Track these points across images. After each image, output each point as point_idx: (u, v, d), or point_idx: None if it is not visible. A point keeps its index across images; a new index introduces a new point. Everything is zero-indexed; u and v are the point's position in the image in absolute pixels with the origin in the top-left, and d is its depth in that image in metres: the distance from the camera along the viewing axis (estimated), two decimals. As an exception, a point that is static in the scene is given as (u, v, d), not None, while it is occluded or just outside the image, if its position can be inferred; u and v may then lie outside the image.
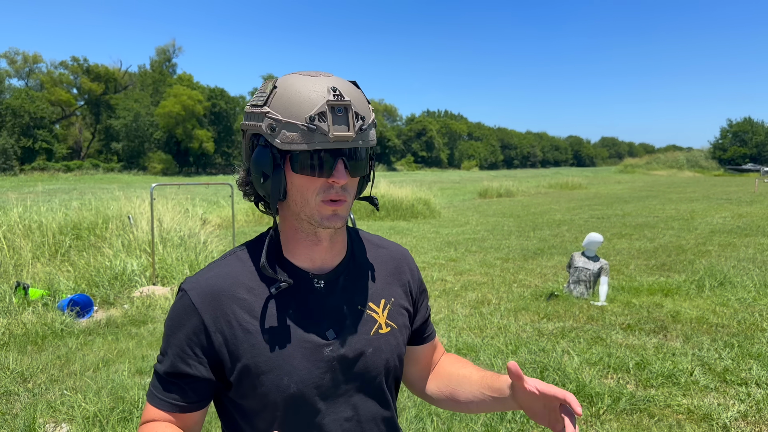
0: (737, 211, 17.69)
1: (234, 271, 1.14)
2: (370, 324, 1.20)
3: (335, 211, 1.08)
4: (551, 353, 5.01)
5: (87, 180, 44.32)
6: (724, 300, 6.75)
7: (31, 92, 57.70)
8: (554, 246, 11.51)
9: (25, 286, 6.56)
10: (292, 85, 1.04)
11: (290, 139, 1.01)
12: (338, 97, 1.02)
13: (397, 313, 1.26)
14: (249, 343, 1.09)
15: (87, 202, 10.75)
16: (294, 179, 1.06)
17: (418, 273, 1.36)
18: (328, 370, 1.13)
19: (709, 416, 3.85)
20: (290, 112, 1.01)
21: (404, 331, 1.27)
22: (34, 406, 4.04)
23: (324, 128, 1.00)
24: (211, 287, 1.11)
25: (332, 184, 1.05)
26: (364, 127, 1.05)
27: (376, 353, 1.19)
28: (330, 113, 1.00)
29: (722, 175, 56.30)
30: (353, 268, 1.23)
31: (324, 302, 1.16)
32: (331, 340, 1.14)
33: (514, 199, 26.42)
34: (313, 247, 1.15)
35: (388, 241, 1.37)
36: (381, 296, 1.24)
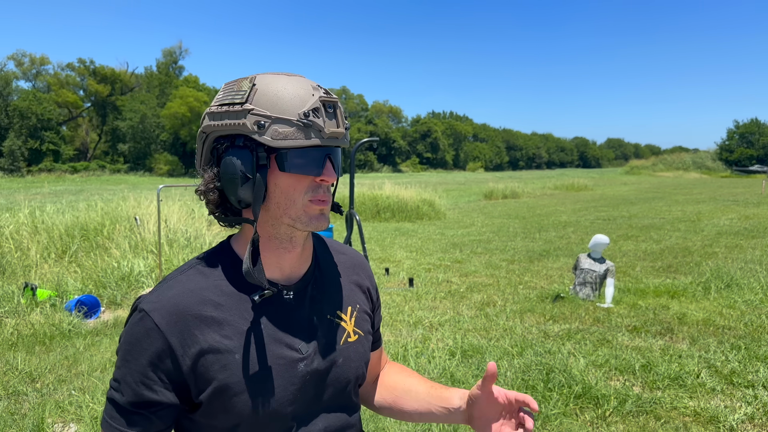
0: (744, 213, 17.62)
1: (198, 286, 1.06)
2: (339, 333, 1.18)
3: (322, 210, 1.05)
4: (557, 355, 5.01)
5: (93, 181, 44.52)
6: (731, 302, 6.73)
7: (38, 94, 57.98)
8: (560, 248, 11.50)
9: (33, 287, 6.60)
10: (274, 82, 1.00)
11: (283, 135, 0.97)
12: (329, 94, 1.01)
13: (362, 319, 1.25)
14: (220, 363, 1.02)
15: (93, 204, 10.80)
16: (279, 180, 1.02)
17: (373, 281, 1.35)
18: (302, 385, 1.10)
19: (715, 418, 3.85)
20: (280, 108, 0.98)
21: (368, 338, 1.27)
22: (43, 406, 4.07)
23: (320, 124, 0.98)
24: (175, 306, 1.03)
25: (320, 184, 1.04)
26: (348, 127, 1.05)
27: (346, 363, 1.18)
28: (323, 109, 0.99)
29: (729, 176, 56.07)
30: (319, 276, 1.19)
31: (294, 314, 1.11)
32: (304, 354, 1.10)
33: (520, 200, 26.38)
34: (284, 254, 1.10)
35: (346, 246, 1.35)
36: (348, 303, 1.22)
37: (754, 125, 69.91)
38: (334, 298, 1.20)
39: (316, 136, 0.99)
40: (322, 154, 1.01)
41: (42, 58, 63.06)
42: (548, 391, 4.24)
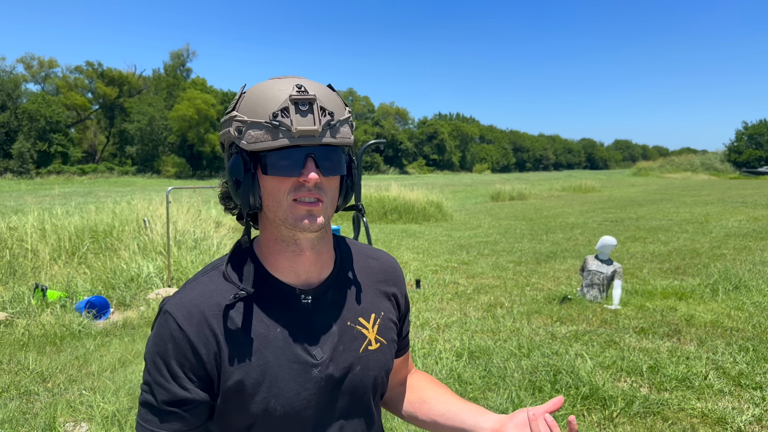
0: (753, 215, 17.54)
1: (218, 288, 1.09)
2: (359, 341, 1.15)
3: (310, 211, 1.02)
4: (564, 356, 5.01)
5: (102, 183, 44.76)
6: (739, 304, 6.71)
7: (47, 96, 58.37)
8: (567, 249, 11.49)
9: (44, 288, 6.66)
10: (259, 87, 1.02)
11: (254, 138, 0.98)
12: (302, 92, 0.99)
13: (387, 327, 1.22)
14: (237, 363, 1.05)
15: (102, 206, 10.88)
16: (266, 183, 1.03)
17: (404, 287, 1.32)
18: (317, 391, 1.09)
19: (723, 420, 3.85)
20: (255, 112, 0.99)
21: (392, 346, 1.23)
22: (54, 405, 4.11)
23: (287, 123, 0.97)
24: (196, 307, 1.06)
25: (303, 183, 1.01)
26: (333, 122, 1.00)
27: (364, 371, 1.15)
28: (293, 107, 0.97)
29: (737, 177, 55.74)
30: (342, 281, 1.17)
31: (312, 319, 1.11)
32: (319, 360, 1.09)
33: (527, 202, 26.34)
34: (295, 258, 1.09)
35: (379, 250, 1.32)
36: (371, 311, 1.19)
37: (763, 126, 69.52)
38: (356, 305, 1.17)
39: (284, 136, 0.97)
40: (302, 154, 0.99)
41: (51, 61, 63.49)
42: (555, 393, 4.25)
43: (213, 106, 63.64)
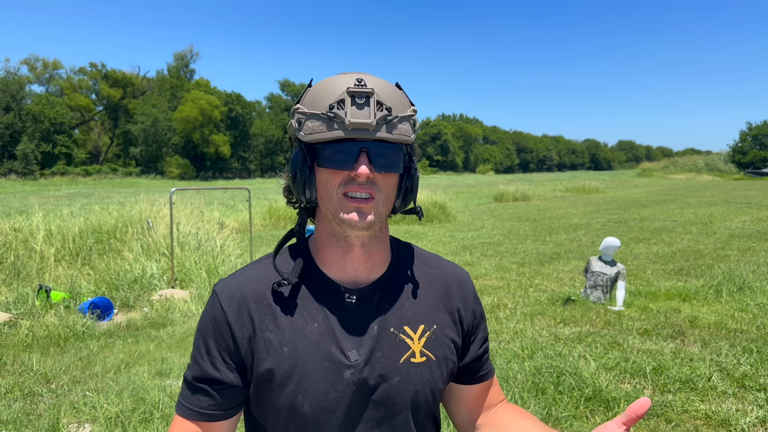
0: (757, 216, 17.48)
1: (265, 275, 1.10)
2: (401, 350, 1.09)
3: (359, 207, 1.01)
4: (568, 358, 5.00)
5: (105, 184, 44.88)
6: (743, 305, 6.69)
7: (51, 98, 58.64)
8: (571, 250, 11.47)
9: (47, 289, 6.68)
10: (323, 81, 1.03)
11: (311, 129, 0.99)
12: (360, 85, 0.98)
13: (439, 343, 1.13)
14: (269, 352, 1.05)
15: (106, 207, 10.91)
16: (320, 175, 1.03)
17: (475, 303, 1.22)
18: (347, 394, 1.05)
19: (727, 422, 3.84)
20: (315, 104, 1.00)
21: (445, 365, 1.14)
22: (58, 406, 4.12)
23: (341, 115, 0.96)
24: (240, 290, 1.08)
25: (354, 178, 1.00)
26: (390, 117, 0.99)
27: (403, 383, 1.08)
28: (349, 99, 0.97)
29: (742, 178, 55.59)
30: (393, 285, 1.13)
31: (353, 320, 1.08)
32: (353, 362, 1.05)
33: (530, 203, 26.32)
34: (344, 255, 1.08)
35: (446, 261, 1.24)
36: (420, 321, 1.12)
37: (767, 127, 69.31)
38: (404, 312, 1.12)
39: (339, 128, 0.97)
40: (355, 148, 0.99)
41: (55, 63, 63.78)
42: (559, 394, 4.24)
43: (217, 107, 63.78)
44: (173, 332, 6.04)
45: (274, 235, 14.60)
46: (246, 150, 72.90)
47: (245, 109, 71.10)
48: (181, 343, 5.67)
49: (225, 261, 8.56)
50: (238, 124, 69.91)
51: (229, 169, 70.47)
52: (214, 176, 66.11)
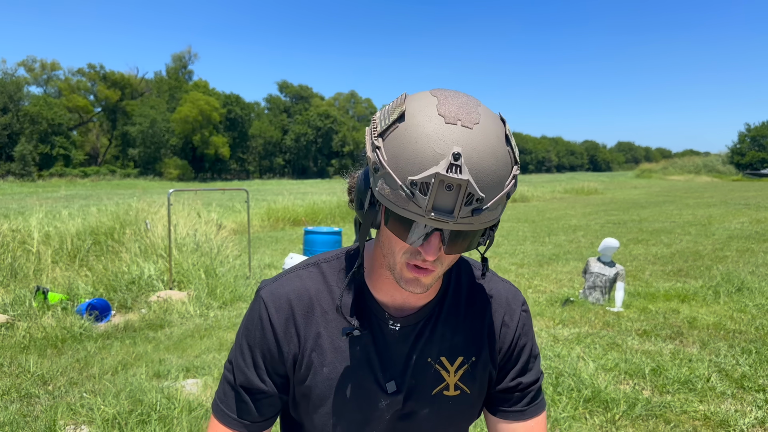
0: (756, 217, 17.49)
1: (315, 287, 1.07)
2: (435, 382, 1.07)
3: (418, 278, 0.93)
4: (567, 359, 4.99)
5: (104, 186, 44.85)
6: (742, 306, 6.69)
7: (49, 99, 58.62)
8: (570, 251, 11.47)
9: (45, 291, 6.66)
10: (417, 126, 0.83)
11: (385, 193, 0.84)
12: (454, 169, 0.79)
13: (477, 376, 1.09)
14: (310, 370, 1.05)
15: (104, 208, 10.89)
16: (386, 231, 0.93)
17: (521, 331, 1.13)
18: (379, 425, 1.05)
19: (725, 422, 3.83)
20: (397, 164, 0.83)
21: (478, 397, 1.11)
22: (55, 408, 4.10)
23: (422, 202, 0.81)
24: (288, 303, 1.06)
25: (420, 252, 0.90)
26: (479, 209, 0.82)
27: (433, 416, 1.07)
28: (436, 188, 0.79)
29: (740, 179, 55.66)
30: (437, 313, 1.08)
31: (394, 348, 1.06)
32: (389, 392, 1.04)
33: (530, 204, 26.33)
34: (396, 287, 1.03)
35: (501, 281, 1.16)
36: (460, 353, 1.08)
37: (766, 128, 69.40)
38: (444, 342, 1.08)
39: (415, 212, 0.82)
40: (429, 229, 0.86)
41: (53, 64, 63.76)
42: (557, 395, 4.23)
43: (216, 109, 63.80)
44: (171, 333, 6.02)
45: (272, 236, 14.59)
46: (245, 151, 72.92)
47: (244, 111, 71.11)
48: (179, 344, 5.66)
49: (223, 262, 8.55)
50: (236, 126, 69.92)
51: (227, 170, 70.48)
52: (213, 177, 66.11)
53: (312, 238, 9.64)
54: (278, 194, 24.20)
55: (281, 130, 76.45)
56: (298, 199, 20.21)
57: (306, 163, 77.95)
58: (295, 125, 76.14)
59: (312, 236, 9.68)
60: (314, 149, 77.19)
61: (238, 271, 8.49)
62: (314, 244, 9.52)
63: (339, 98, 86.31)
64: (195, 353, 5.37)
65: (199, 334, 5.99)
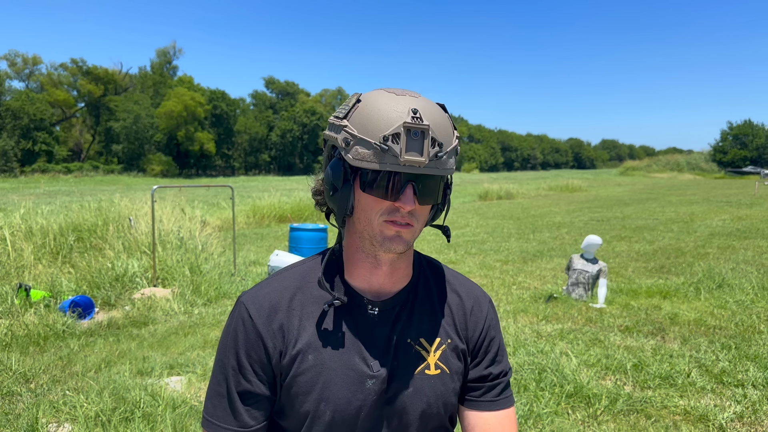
0: (737, 214, 17.72)
1: (293, 285, 1.13)
2: (416, 361, 1.13)
3: (398, 232, 1.02)
4: (549, 354, 5.04)
5: (87, 182, 44.40)
6: (723, 302, 6.78)
7: (31, 94, 57.83)
8: (554, 248, 11.55)
9: (27, 288, 6.59)
10: (374, 101, 1.00)
11: (362, 156, 0.97)
12: (416, 119, 0.96)
13: (453, 356, 1.16)
14: (296, 360, 1.08)
15: (87, 204, 10.78)
16: (361, 197, 1.03)
17: (490, 324, 1.22)
18: (367, 403, 1.08)
19: (705, 417, 3.89)
20: (366, 129, 0.98)
21: (458, 378, 1.17)
22: (37, 406, 4.07)
23: (396, 150, 0.95)
24: (269, 301, 1.10)
25: (398, 209, 1.01)
26: (440, 154, 0.98)
27: (416, 394, 1.11)
28: (405, 136, 0.95)
29: (722, 177, 56.32)
30: (413, 298, 1.16)
31: (374, 331, 1.11)
32: (375, 372, 1.09)
33: (514, 201, 26.45)
34: (372, 269, 1.10)
35: (468, 280, 1.27)
36: (436, 334, 1.15)
37: (748, 127, 70.24)
38: (421, 325, 1.15)
39: (391, 162, 0.96)
40: (403, 180, 0.99)
41: (34, 58, 62.91)
42: (540, 391, 4.27)
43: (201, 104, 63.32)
44: (155, 331, 5.99)
45: (257, 233, 14.54)
46: (230, 147, 72.48)
47: (229, 107, 70.61)
48: (163, 341, 5.63)
49: (208, 259, 8.51)
50: (222, 122, 69.43)
51: (212, 166, 70.01)
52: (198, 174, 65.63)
53: (298, 235, 9.62)
54: (264, 191, 24.11)
55: (267, 127, 76.03)
56: (284, 196, 20.15)
57: (292, 159, 77.62)
58: (281, 121, 75.76)
59: (298, 233, 9.65)
60: (300, 146, 76.87)
61: (223, 268, 8.46)
62: (300, 241, 9.50)
63: (325, 94, 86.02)
64: (179, 350, 5.35)
65: (184, 331, 5.97)
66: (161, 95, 65.14)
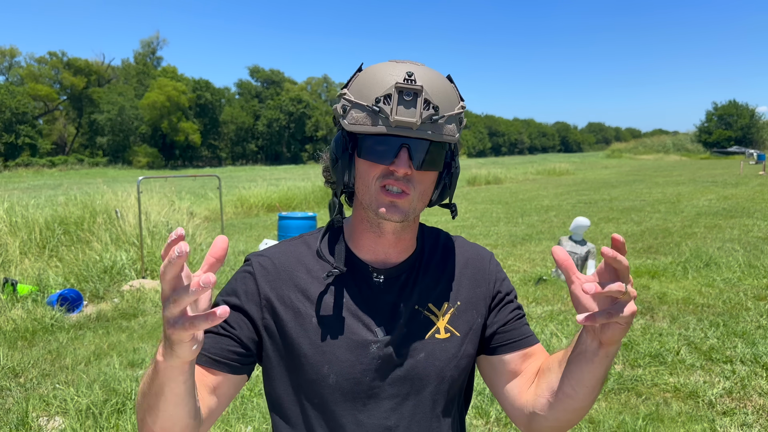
0: (723, 194, 17.86)
1: (298, 251, 1.14)
2: (426, 327, 1.12)
3: (393, 202, 1.01)
4: (540, 336, 5.07)
5: (72, 175, 43.95)
6: (710, 280, 6.84)
7: (11, 87, 56.99)
8: (542, 231, 11.59)
9: (14, 283, 6.53)
10: (372, 69, 1.01)
11: (356, 120, 0.99)
12: (409, 81, 0.96)
13: (463, 319, 1.15)
14: (297, 323, 1.08)
15: (73, 197, 10.67)
16: (359, 165, 1.03)
17: (498, 276, 1.21)
18: (371, 368, 1.08)
19: (695, 393, 3.93)
20: (362, 94, 0.99)
21: (469, 341, 1.15)
22: (27, 400, 4.04)
23: (387, 111, 0.95)
24: (272, 261, 1.12)
25: (392, 172, 1.00)
26: (436, 117, 0.97)
27: (428, 359, 1.11)
28: (396, 96, 0.95)
29: (708, 158, 56.71)
30: (419, 266, 1.16)
31: (380, 298, 1.11)
32: (379, 338, 1.08)
33: (503, 186, 26.51)
34: (376, 239, 1.10)
35: (470, 243, 1.26)
36: (445, 299, 1.15)
37: (732, 107, 70.66)
38: (429, 291, 1.15)
39: (383, 123, 0.96)
40: (396, 143, 0.98)
41: (12, 50, 62.02)
42: (532, 372, 4.30)
43: (184, 93, 62.74)
44: (144, 322, 5.96)
45: (246, 223, 14.48)
46: (216, 138, 71.98)
47: (214, 96, 70.04)
48: (153, 333, 5.60)
49: (196, 250, 8.46)
50: (207, 112, 68.87)
51: (199, 157, 69.53)
52: (184, 165, 65.15)
53: (286, 224, 9.58)
54: (251, 181, 24.01)
55: (253, 116, 75.53)
56: (271, 185, 20.06)
57: (279, 148, 77.25)
58: (267, 110, 75.27)
59: (286, 222, 9.62)
60: (287, 135, 76.48)
61: (212, 258, 8.41)
62: (289, 230, 9.47)
63: (311, 83, 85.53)
64: (170, 341, 5.32)
65: (174, 322, 5.93)
66: (145, 86, 64.48)
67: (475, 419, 3.68)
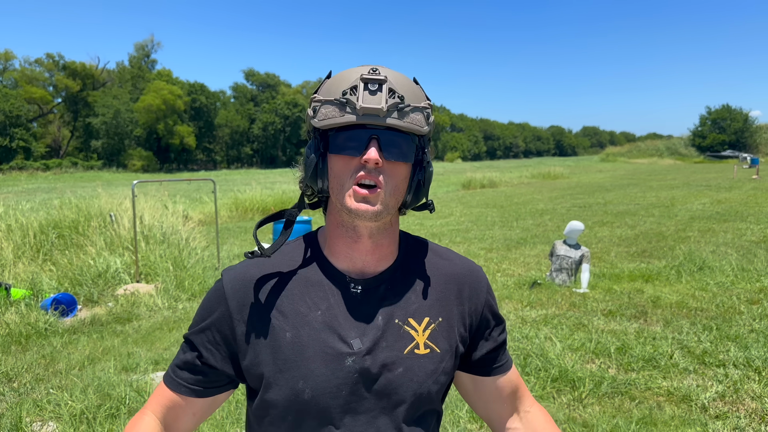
0: (716, 197, 17.95)
1: (271, 262, 1.12)
2: (405, 341, 1.09)
3: (366, 197, 0.99)
4: (534, 340, 5.08)
5: (67, 178, 43.78)
6: (703, 284, 6.87)
7: (6, 90, 56.75)
8: (537, 235, 11.62)
9: (7, 287, 6.50)
10: (341, 72, 1.04)
11: (324, 115, 1.00)
12: (374, 72, 0.99)
13: (444, 336, 1.13)
14: (270, 337, 1.06)
15: (68, 201, 10.64)
16: (333, 164, 1.03)
17: (487, 297, 1.21)
18: (348, 382, 1.05)
19: (688, 397, 3.95)
20: (329, 92, 1.01)
21: (448, 357, 1.13)
22: (20, 405, 4.03)
23: (353, 100, 0.97)
24: (244, 274, 1.10)
25: (364, 165, 0.99)
26: (402, 105, 0.99)
27: (406, 374, 1.08)
28: (362, 86, 0.98)
29: (702, 162, 56.97)
30: (400, 277, 1.13)
31: (358, 309, 1.08)
32: (355, 350, 1.05)
33: (498, 189, 26.56)
34: (352, 245, 1.08)
35: (459, 255, 1.23)
36: (425, 314, 1.12)
37: (726, 111, 71.04)
38: (409, 305, 1.11)
39: (351, 113, 0.98)
40: (366, 135, 0.99)
41: (7, 53, 61.76)
42: (525, 376, 4.31)
43: (180, 97, 62.65)
44: (139, 327, 5.95)
45: (241, 227, 14.46)
46: (211, 141, 71.87)
47: (209, 99, 69.93)
48: (147, 337, 5.59)
49: (191, 254, 8.44)
50: (202, 115, 68.75)
51: (194, 160, 69.41)
52: (179, 168, 65.02)
53: (281, 228, 9.57)
54: (246, 184, 23.96)
55: (248, 119, 75.43)
56: (266, 189, 20.04)
57: (274, 152, 77.16)
58: (262, 114, 75.19)
59: (281, 226, 9.61)
60: (282, 138, 76.40)
61: (207, 263, 8.41)
62: (284, 234, 9.45)
63: (306, 86, 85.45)
64: (164, 346, 5.32)
65: (168, 326, 5.93)
66: (140, 89, 64.34)
67: (469, 423, 3.69)
